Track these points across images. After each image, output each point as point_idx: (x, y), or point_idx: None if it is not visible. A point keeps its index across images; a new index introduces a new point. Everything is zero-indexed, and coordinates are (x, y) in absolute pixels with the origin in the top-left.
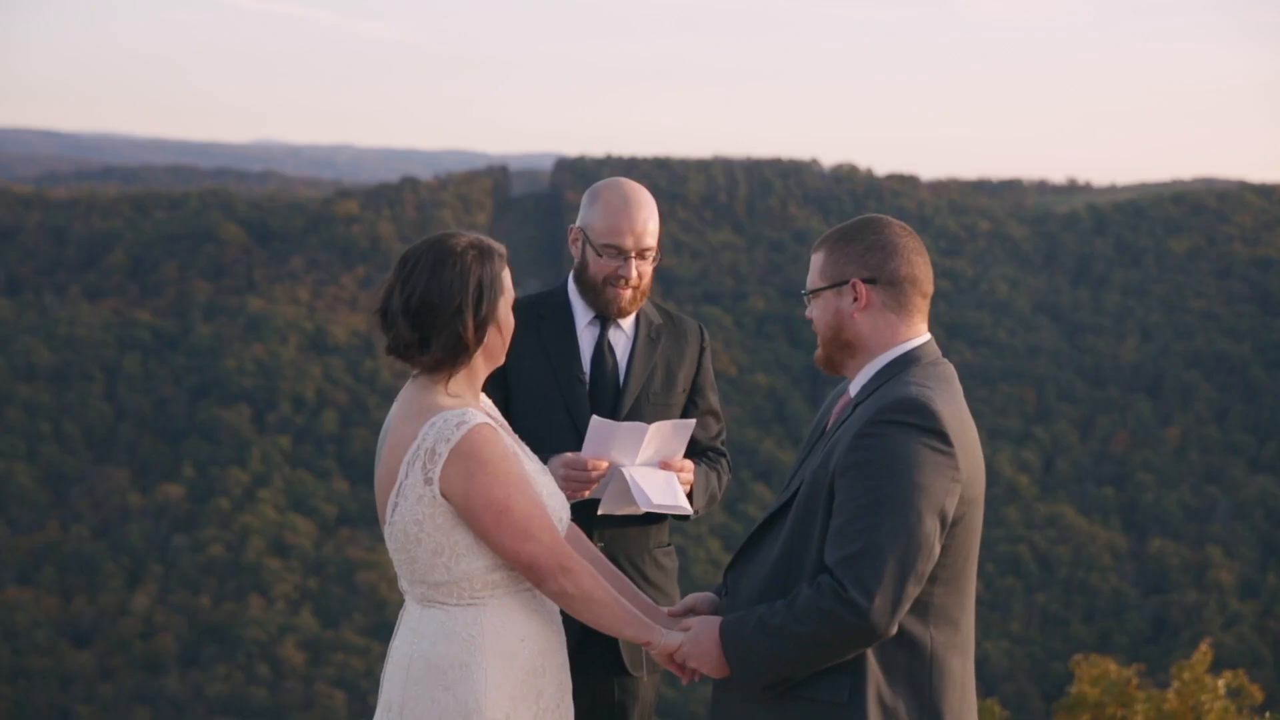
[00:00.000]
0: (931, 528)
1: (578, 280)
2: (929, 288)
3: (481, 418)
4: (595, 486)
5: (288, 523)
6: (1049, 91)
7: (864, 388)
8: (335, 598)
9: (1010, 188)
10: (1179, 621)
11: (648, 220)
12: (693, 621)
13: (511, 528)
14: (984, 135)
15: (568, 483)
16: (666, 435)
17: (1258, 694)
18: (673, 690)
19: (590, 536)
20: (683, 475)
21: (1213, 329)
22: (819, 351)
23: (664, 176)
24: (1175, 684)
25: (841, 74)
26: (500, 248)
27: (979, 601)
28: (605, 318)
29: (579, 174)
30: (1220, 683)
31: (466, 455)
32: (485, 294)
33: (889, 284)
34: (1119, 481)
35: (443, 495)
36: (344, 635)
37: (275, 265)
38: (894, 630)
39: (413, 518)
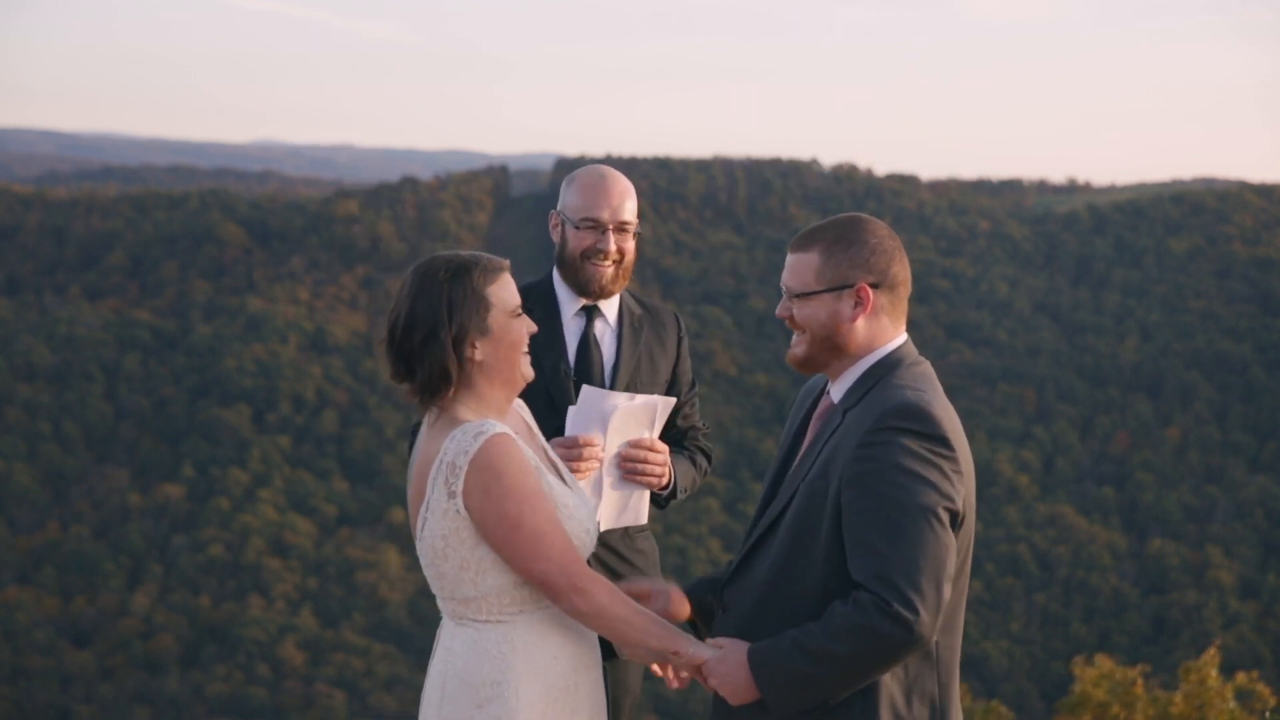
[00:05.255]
0: (949, 531)
1: (559, 263)
2: (911, 289)
3: (500, 428)
4: (592, 467)
5: (288, 523)
6: (1049, 91)
7: (849, 392)
8: (335, 598)
9: (1010, 188)
10: (1179, 621)
11: (623, 196)
12: (724, 641)
13: (521, 544)
14: (984, 135)
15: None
16: (648, 415)
17: (1270, 697)
18: (672, 690)
19: None
20: (655, 457)
21: (1213, 329)
22: (801, 351)
23: (664, 176)
24: (1184, 686)
25: (841, 74)
26: (485, 261)
27: (979, 601)
28: (590, 307)
29: None
30: (1229, 688)
31: (484, 467)
32: (456, 314)
33: (890, 288)
34: (1119, 481)
35: (465, 509)
36: (344, 635)
37: (275, 265)
38: (935, 639)
39: (439, 532)
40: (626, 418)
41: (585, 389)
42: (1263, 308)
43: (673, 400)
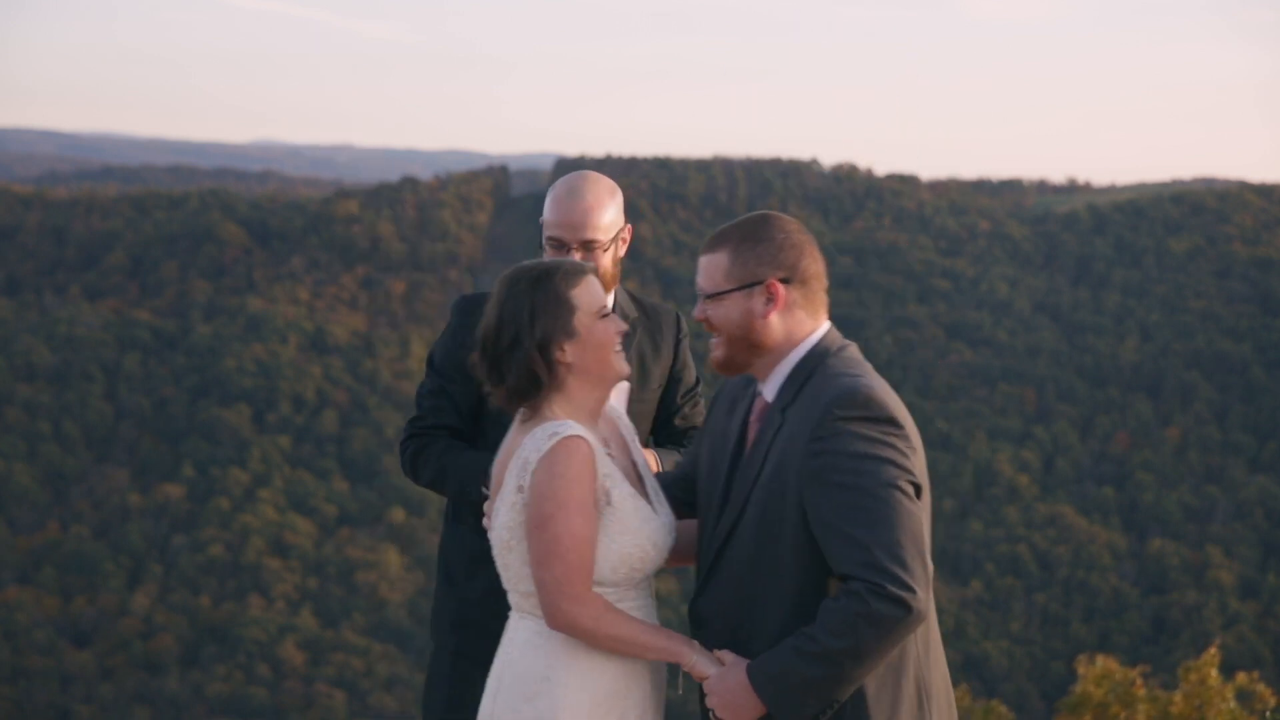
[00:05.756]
0: (914, 504)
1: None
2: (827, 279)
3: (577, 430)
4: None
5: (288, 523)
6: (1049, 91)
7: (783, 389)
8: (335, 598)
9: (1010, 188)
10: (1179, 621)
11: (589, 212)
12: (727, 656)
13: (536, 545)
14: (984, 135)
15: None
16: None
17: (1270, 697)
18: (671, 690)
19: None
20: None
21: (1213, 329)
22: (720, 353)
23: (664, 176)
24: (1184, 686)
25: (841, 74)
26: (567, 265)
27: (979, 601)
28: None
29: None
30: (1229, 688)
31: (547, 465)
32: (538, 319)
33: (801, 282)
34: (1119, 481)
35: (527, 503)
36: (344, 635)
37: (275, 265)
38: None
39: (506, 524)
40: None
41: None
42: (1263, 308)
43: (625, 386)
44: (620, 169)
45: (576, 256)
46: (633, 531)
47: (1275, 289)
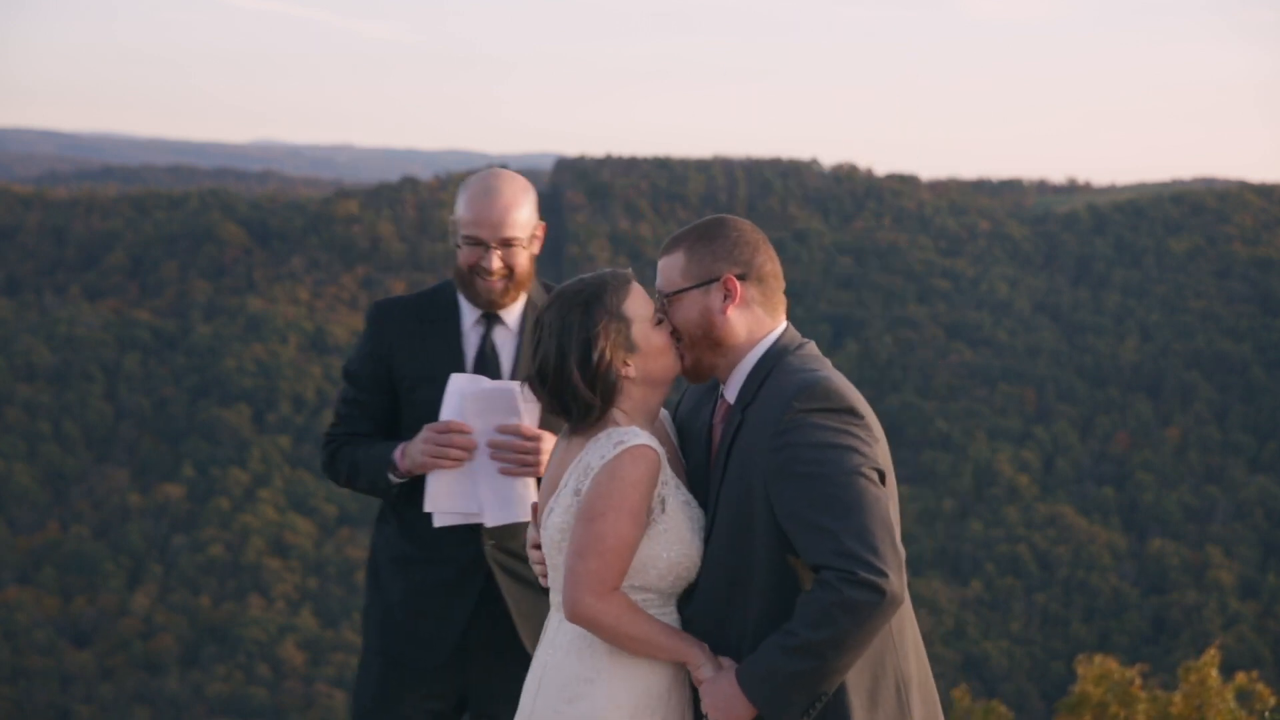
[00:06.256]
0: (880, 489)
1: (454, 273)
2: (784, 282)
3: (642, 439)
4: (464, 455)
5: (288, 523)
6: (1049, 91)
7: (743, 389)
8: (335, 598)
9: (1010, 188)
10: (1179, 621)
11: (507, 210)
12: (728, 662)
13: (580, 535)
14: (984, 135)
15: (426, 449)
16: (505, 400)
17: (1270, 697)
18: None
19: (479, 535)
20: (525, 444)
21: (1213, 329)
22: (685, 360)
23: (664, 176)
24: (1184, 686)
25: (841, 74)
26: (611, 280)
27: (979, 601)
28: (490, 316)
29: (579, 174)
30: (1229, 688)
31: (609, 469)
32: (593, 344)
33: (758, 279)
34: (1119, 481)
35: None
36: (344, 635)
37: (275, 265)
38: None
39: (559, 525)
40: (482, 403)
41: (453, 377)
42: (1263, 308)
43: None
44: (620, 169)
45: (495, 255)
46: (684, 542)
47: (1275, 289)
